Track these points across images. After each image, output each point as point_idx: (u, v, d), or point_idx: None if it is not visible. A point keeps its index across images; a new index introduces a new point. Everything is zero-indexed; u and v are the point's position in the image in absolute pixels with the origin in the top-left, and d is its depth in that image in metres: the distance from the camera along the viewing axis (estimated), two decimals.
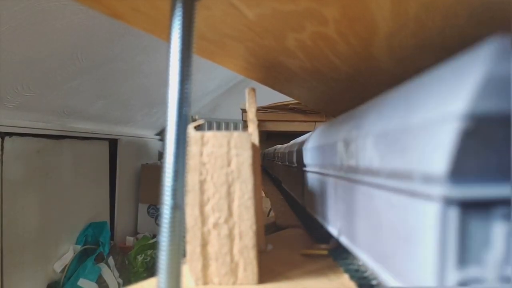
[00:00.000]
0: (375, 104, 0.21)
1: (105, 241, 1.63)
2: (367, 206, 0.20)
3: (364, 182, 0.20)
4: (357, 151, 0.21)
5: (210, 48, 0.35)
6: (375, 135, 0.18)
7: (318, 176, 0.35)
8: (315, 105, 0.79)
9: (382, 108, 0.19)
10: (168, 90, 0.19)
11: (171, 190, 0.18)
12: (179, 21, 0.19)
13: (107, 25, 1.11)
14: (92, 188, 1.68)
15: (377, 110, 0.19)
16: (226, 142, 0.28)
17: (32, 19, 0.92)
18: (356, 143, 0.21)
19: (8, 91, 1.11)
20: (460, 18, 0.25)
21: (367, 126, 0.19)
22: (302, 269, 0.32)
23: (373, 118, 0.19)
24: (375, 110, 0.20)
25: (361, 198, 0.21)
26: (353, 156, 0.22)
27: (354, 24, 0.26)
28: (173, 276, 0.18)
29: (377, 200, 0.17)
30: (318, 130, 0.38)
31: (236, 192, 0.28)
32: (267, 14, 0.25)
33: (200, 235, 0.28)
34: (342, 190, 0.26)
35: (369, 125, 0.19)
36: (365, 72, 0.40)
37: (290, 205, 0.65)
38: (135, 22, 0.28)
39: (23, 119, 1.25)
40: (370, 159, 0.18)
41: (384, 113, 0.18)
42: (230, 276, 0.28)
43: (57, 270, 1.41)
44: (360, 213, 0.22)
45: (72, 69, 1.22)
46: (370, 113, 0.20)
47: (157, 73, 1.61)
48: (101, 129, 1.74)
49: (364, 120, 0.21)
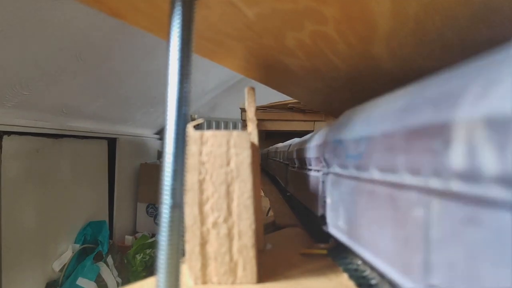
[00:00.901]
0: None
1: (104, 240, 1.62)
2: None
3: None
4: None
5: (209, 47, 0.35)
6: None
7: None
8: (314, 105, 0.79)
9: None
10: (168, 89, 0.18)
11: (170, 189, 0.18)
12: (178, 20, 0.19)
13: (107, 23, 1.11)
14: (91, 187, 1.68)
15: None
16: (226, 141, 0.28)
17: (31, 17, 0.92)
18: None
19: (7, 90, 1.10)
20: (460, 18, 0.25)
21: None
22: (301, 269, 0.32)
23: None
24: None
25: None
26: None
27: (354, 23, 0.26)
28: (172, 275, 0.18)
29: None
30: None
31: (235, 191, 0.28)
32: (266, 13, 0.25)
33: (199, 234, 0.28)
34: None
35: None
36: (364, 72, 0.40)
37: (289, 205, 0.65)
38: (134, 20, 0.28)
39: (22, 118, 1.25)
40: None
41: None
42: (229, 275, 0.28)
43: (56, 269, 1.41)
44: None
45: (71, 68, 1.22)
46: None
47: (156, 72, 1.61)
48: (100, 128, 1.74)
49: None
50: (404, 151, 0.16)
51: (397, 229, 0.17)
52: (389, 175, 0.17)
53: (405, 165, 0.16)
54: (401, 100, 0.18)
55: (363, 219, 0.22)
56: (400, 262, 0.17)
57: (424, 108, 0.14)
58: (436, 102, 0.14)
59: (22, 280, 1.25)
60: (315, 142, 0.37)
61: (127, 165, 2.00)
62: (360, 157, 0.22)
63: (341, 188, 0.28)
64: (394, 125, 0.17)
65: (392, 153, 0.17)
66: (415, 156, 0.15)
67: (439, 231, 0.13)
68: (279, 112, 1.38)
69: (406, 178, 0.16)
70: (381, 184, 0.19)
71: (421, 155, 0.14)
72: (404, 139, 0.16)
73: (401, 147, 0.16)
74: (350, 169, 0.25)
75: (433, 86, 0.15)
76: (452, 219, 0.13)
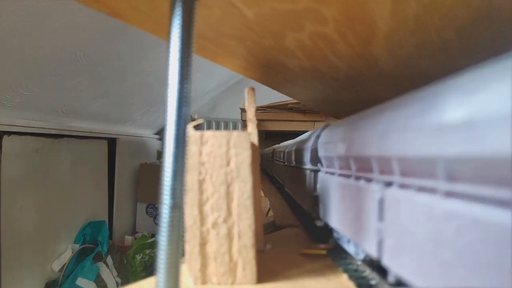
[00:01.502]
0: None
1: (104, 240, 1.62)
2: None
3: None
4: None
5: (209, 47, 0.35)
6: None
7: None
8: (314, 105, 0.79)
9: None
10: (168, 90, 0.18)
11: (170, 190, 0.18)
12: (178, 20, 0.19)
13: (106, 24, 1.11)
14: (91, 187, 1.68)
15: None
16: (226, 141, 0.28)
17: (31, 17, 0.92)
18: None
19: (6, 90, 1.10)
20: (459, 19, 0.25)
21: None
22: (301, 269, 0.32)
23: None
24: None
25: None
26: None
27: (354, 24, 0.26)
28: (171, 276, 0.18)
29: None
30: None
31: (235, 191, 0.28)
32: (266, 13, 0.25)
33: (199, 234, 0.28)
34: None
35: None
36: (364, 72, 0.40)
37: (289, 205, 0.65)
38: (134, 21, 0.28)
39: (21, 118, 1.25)
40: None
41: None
42: (229, 276, 0.28)
43: (56, 269, 1.41)
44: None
45: (71, 68, 1.22)
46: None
47: (156, 72, 1.61)
48: (100, 128, 1.74)
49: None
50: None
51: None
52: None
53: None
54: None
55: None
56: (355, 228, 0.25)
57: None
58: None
59: (22, 280, 1.25)
60: (307, 145, 0.42)
61: (127, 165, 2.00)
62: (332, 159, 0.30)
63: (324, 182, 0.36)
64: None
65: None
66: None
67: (374, 208, 0.22)
68: (279, 113, 1.38)
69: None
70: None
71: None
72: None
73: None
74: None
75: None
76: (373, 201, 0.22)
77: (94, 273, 1.47)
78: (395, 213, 0.19)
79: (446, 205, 0.14)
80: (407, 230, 0.18)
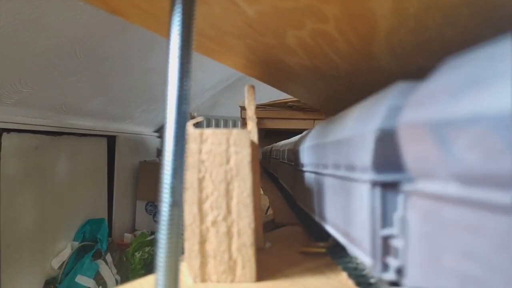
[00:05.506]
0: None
1: (103, 238, 1.62)
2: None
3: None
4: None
5: (209, 45, 0.34)
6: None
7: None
8: (314, 103, 0.79)
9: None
10: (168, 87, 0.18)
11: (169, 188, 0.18)
12: (178, 18, 0.18)
13: (106, 21, 1.11)
14: (90, 184, 1.68)
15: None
16: (225, 139, 0.28)
17: (30, 14, 0.92)
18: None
19: (6, 87, 1.10)
20: (460, 17, 0.25)
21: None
22: (300, 267, 0.32)
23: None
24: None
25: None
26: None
27: (354, 22, 0.26)
28: (171, 273, 0.18)
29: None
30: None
31: (235, 189, 0.28)
32: (266, 10, 0.25)
33: (198, 232, 0.28)
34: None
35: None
36: (364, 70, 0.40)
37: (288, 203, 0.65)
38: (134, 18, 0.28)
39: (21, 115, 1.25)
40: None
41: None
42: (228, 274, 0.28)
43: (55, 266, 1.41)
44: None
45: (70, 65, 1.22)
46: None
47: (156, 70, 1.60)
48: (99, 125, 1.73)
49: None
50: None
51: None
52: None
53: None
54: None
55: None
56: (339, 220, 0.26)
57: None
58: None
59: (21, 277, 1.25)
60: (305, 145, 0.42)
61: (126, 163, 1.99)
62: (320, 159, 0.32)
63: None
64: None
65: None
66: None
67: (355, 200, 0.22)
68: (279, 111, 1.38)
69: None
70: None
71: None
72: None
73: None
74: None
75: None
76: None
77: (94, 271, 1.47)
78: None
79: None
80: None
